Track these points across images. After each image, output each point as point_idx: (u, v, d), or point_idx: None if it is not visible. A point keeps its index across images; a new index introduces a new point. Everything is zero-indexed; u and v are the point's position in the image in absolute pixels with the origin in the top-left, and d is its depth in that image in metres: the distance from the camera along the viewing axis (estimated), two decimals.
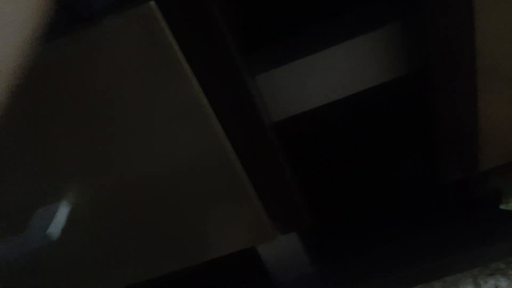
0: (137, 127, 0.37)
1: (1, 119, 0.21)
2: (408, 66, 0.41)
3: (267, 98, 0.43)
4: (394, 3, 0.40)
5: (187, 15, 0.32)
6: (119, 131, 0.37)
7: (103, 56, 0.33)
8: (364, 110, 0.50)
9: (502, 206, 0.54)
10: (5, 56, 0.19)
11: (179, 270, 0.51)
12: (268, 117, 0.42)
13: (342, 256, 0.59)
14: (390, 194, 0.56)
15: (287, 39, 0.44)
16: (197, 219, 0.46)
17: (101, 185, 0.41)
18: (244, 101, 0.36)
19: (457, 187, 0.55)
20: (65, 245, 0.42)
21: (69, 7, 0.33)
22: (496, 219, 0.56)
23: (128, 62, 0.33)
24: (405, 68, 0.41)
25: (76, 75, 0.34)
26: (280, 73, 0.42)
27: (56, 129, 0.36)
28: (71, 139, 0.37)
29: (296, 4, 0.43)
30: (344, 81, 0.42)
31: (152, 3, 0.31)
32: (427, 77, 0.40)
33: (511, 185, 0.55)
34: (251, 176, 0.41)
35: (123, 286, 0.50)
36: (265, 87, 0.43)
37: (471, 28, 0.36)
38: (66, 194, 0.40)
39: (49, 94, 0.34)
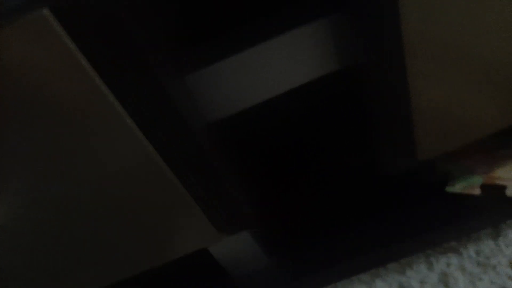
0: (61, 141, 0.36)
1: None
2: (342, 61, 0.40)
3: (200, 99, 0.42)
4: None
5: (88, 21, 0.30)
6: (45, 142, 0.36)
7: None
8: (303, 106, 0.50)
9: (448, 189, 0.55)
10: None
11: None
12: (199, 119, 0.41)
13: (297, 247, 0.59)
14: (338, 186, 0.56)
15: (219, 36, 0.42)
16: (144, 226, 0.45)
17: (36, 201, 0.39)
18: (162, 106, 0.34)
19: (406, 172, 0.55)
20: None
21: None
22: (445, 202, 0.56)
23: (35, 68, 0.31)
24: (339, 63, 0.40)
25: None
26: (212, 72, 0.41)
27: None
28: None
29: (228, 1, 0.41)
30: (279, 78, 0.41)
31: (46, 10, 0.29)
32: (360, 72, 0.39)
33: (456, 168, 0.56)
34: (184, 182, 0.40)
35: None
36: (197, 87, 0.41)
37: (398, 21, 0.35)
38: None
39: None
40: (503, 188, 0.53)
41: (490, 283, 0.60)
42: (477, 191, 0.53)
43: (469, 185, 0.54)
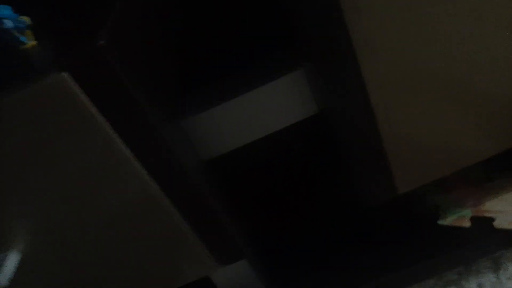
0: (72, 184, 0.42)
1: None
2: (316, 105, 0.45)
3: (196, 139, 0.47)
4: (302, 51, 0.44)
5: (97, 81, 0.37)
6: (57, 189, 0.42)
7: (29, 119, 0.38)
8: (287, 146, 0.54)
9: (440, 222, 0.57)
10: None
11: None
12: (195, 157, 0.46)
13: (294, 277, 0.62)
14: (327, 219, 0.59)
15: (210, 84, 0.48)
16: (147, 258, 0.50)
17: (49, 234, 0.45)
18: (160, 148, 0.40)
19: (397, 206, 0.58)
20: None
21: None
22: (438, 234, 0.58)
23: (51, 127, 0.38)
24: (314, 107, 0.45)
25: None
26: (206, 116, 0.46)
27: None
28: (16, 192, 0.42)
29: (216, 54, 0.47)
30: (265, 121, 0.47)
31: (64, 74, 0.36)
32: (332, 114, 0.44)
33: (446, 201, 0.58)
34: (184, 216, 0.45)
35: None
36: (193, 129, 0.47)
37: (357, 66, 0.40)
38: (15, 243, 0.44)
39: None
40: (491, 220, 0.54)
41: None
42: (467, 223, 0.55)
43: (459, 218, 0.56)
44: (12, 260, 0.43)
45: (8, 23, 0.41)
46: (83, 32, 0.39)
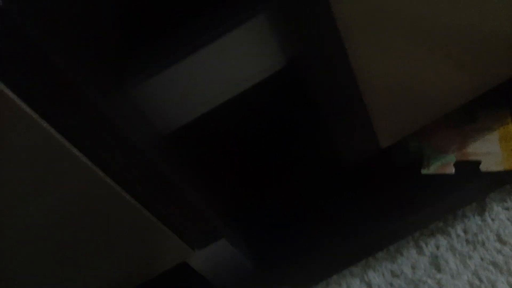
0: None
1: None
2: (284, 56, 0.39)
3: (150, 111, 0.41)
4: None
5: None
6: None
7: None
8: (256, 108, 0.49)
9: (423, 171, 0.54)
10: None
11: None
12: (150, 132, 0.40)
13: (280, 247, 0.59)
14: (309, 180, 0.55)
15: (159, 41, 0.41)
16: (116, 250, 0.45)
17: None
18: (101, 127, 0.33)
19: (379, 159, 0.54)
20: None
21: None
22: (423, 183, 0.55)
23: None
24: (282, 59, 0.39)
25: None
26: (156, 82, 0.40)
27: None
28: None
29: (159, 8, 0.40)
30: (227, 81, 0.40)
31: None
32: (304, 65, 0.38)
33: (429, 148, 0.55)
34: (142, 202, 0.39)
35: None
36: (144, 99, 0.40)
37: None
38: None
39: None
40: (477, 163, 0.52)
41: (480, 260, 0.59)
42: (451, 170, 0.52)
43: (443, 165, 0.53)
44: None
45: None
46: None
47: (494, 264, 0.59)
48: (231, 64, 0.39)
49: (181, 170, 0.43)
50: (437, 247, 0.62)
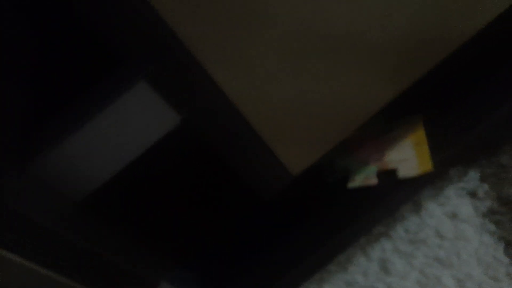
0: None
1: None
2: (178, 113, 0.41)
3: (56, 182, 0.42)
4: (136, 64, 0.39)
5: None
6: None
7: None
8: (162, 165, 0.50)
9: (350, 185, 0.56)
10: None
11: None
12: (60, 204, 0.41)
13: (228, 276, 0.60)
14: (238, 223, 0.56)
15: (57, 113, 0.42)
16: None
17: None
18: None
19: (308, 180, 0.55)
20: None
21: None
22: (352, 197, 0.57)
23: None
24: (177, 117, 0.41)
25: None
26: (57, 154, 0.41)
27: None
28: None
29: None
30: (126, 144, 0.42)
31: None
32: (194, 120, 0.40)
33: (353, 162, 0.57)
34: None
35: None
36: (48, 171, 0.41)
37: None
38: None
39: None
40: (396, 171, 0.53)
41: (424, 258, 0.61)
42: (374, 181, 0.54)
43: (366, 177, 0.55)
44: None
45: None
46: None
47: (438, 260, 0.61)
48: (125, 128, 0.40)
49: (103, 235, 0.44)
50: (383, 251, 0.64)
